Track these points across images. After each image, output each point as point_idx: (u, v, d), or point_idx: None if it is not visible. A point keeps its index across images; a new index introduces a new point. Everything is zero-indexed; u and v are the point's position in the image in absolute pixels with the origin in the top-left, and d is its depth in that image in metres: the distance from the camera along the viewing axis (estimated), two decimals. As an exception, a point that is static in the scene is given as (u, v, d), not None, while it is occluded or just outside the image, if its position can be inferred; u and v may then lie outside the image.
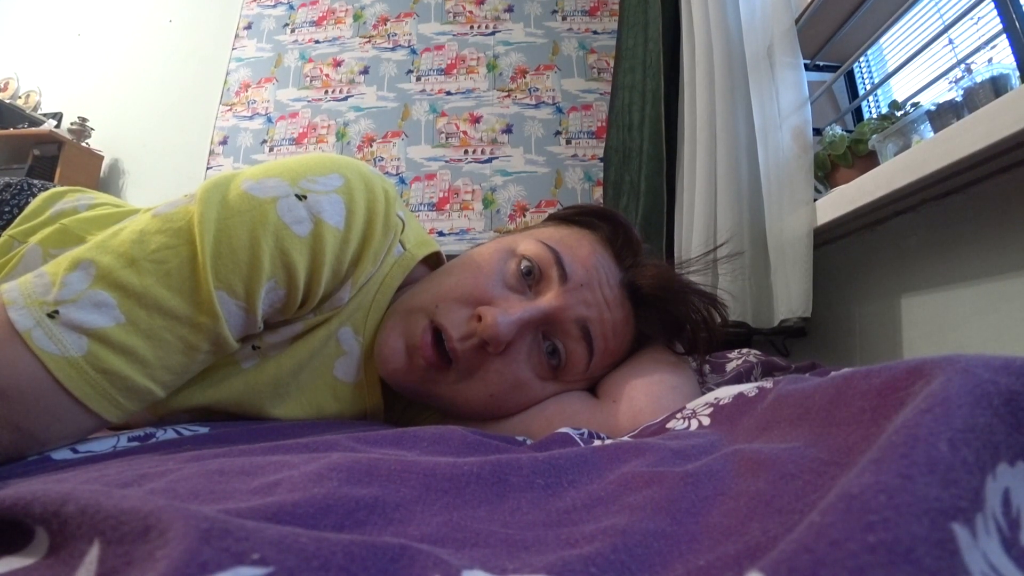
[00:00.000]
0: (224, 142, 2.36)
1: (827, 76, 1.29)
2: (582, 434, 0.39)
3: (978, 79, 0.76)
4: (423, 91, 2.33)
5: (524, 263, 0.48)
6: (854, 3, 1.20)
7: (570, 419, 0.48)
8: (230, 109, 2.40)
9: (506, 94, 2.30)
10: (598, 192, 2.13)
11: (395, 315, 0.49)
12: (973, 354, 0.21)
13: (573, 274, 0.48)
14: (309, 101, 2.36)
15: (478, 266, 0.49)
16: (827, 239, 1.01)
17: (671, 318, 0.51)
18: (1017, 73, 0.75)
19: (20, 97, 2.52)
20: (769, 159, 1.05)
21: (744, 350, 0.71)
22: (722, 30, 1.17)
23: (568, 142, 2.23)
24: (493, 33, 2.38)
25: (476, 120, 2.27)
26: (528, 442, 0.40)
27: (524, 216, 2.15)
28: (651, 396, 0.47)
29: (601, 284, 0.49)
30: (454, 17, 2.42)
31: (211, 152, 2.34)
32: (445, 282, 0.49)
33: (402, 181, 2.21)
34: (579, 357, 0.49)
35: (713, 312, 0.51)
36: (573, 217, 0.56)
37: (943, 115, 0.80)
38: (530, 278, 0.48)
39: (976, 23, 0.92)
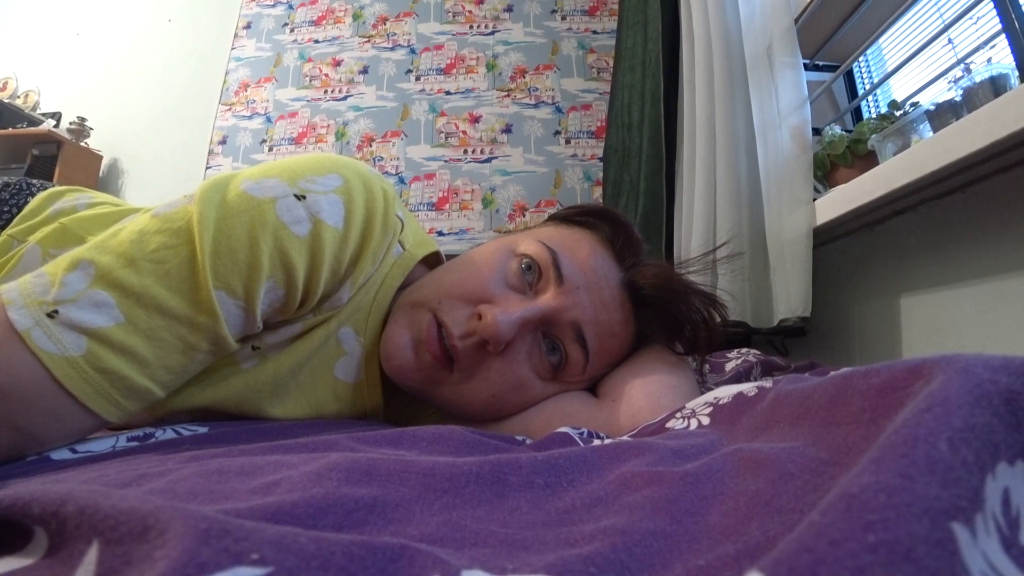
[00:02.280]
0: (223, 142, 2.35)
1: (826, 76, 1.29)
2: (581, 434, 0.39)
3: (977, 79, 0.76)
4: (422, 91, 2.32)
5: (524, 261, 0.49)
6: (853, 3, 1.20)
7: (569, 419, 0.48)
8: (229, 109, 2.39)
9: (505, 94, 2.29)
10: (597, 192, 2.13)
11: (400, 310, 0.49)
12: (972, 353, 0.21)
13: (570, 276, 0.48)
14: (308, 101, 2.36)
15: (479, 264, 0.49)
16: (826, 239, 1.01)
17: (671, 318, 0.52)
18: (1016, 73, 0.76)
19: (19, 97, 2.52)
20: (768, 159, 1.05)
21: (743, 350, 0.71)
22: (721, 30, 1.17)
23: (567, 142, 2.22)
24: (492, 33, 2.38)
25: (475, 120, 2.27)
26: (528, 442, 0.40)
27: (523, 216, 2.15)
28: (650, 395, 0.47)
29: (599, 286, 0.49)
30: (453, 17, 2.41)
31: (210, 152, 2.34)
32: (447, 279, 0.49)
33: (401, 181, 2.21)
34: (575, 358, 0.49)
35: (713, 312, 0.51)
36: (574, 217, 0.56)
37: (942, 115, 0.80)
38: (530, 274, 0.48)
39: (975, 23, 0.92)
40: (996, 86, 0.74)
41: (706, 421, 0.37)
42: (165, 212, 0.39)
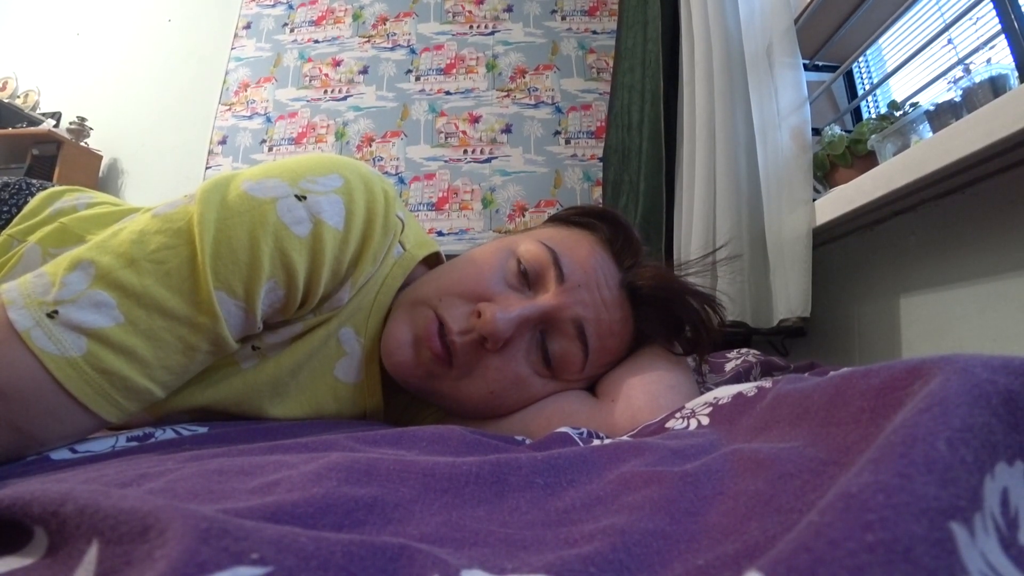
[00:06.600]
0: (223, 142, 2.35)
1: (826, 76, 1.29)
2: (581, 434, 0.39)
3: (977, 79, 0.76)
4: (422, 91, 2.32)
5: (523, 264, 0.49)
6: (853, 3, 1.20)
7: (569, 418, 0.48)
8: (229, 109, 2.39)
9: (505, 94, 2.29)
10: (597, 192, 2.13)
11: (400, 308, 0.49)
12: (971, 354, 0.21)
13: (571, 274, 0.48)
14: (308, 101, 2.36)
15: (480, 263, 0.50)
16: (826, 239, 1.01)
17: (669, 318, 0.52)
18: (1016, 73, 0.76)
19: (19, 96, 2.52)
20: (768, 159, 1.05)
21: (743, 350, 0.71)
22: (721, 30, 1.17)
23: (567, 142, 2.23)
24: (492, 33, 2.38)
25: (475, 120, 2.27)
26: (527, 442, 0.40)
27: (523, 216, 2.15)
28: (649, 395, 0.47)
29: (599, 285, 0.49)
30: (453, 17, 2.42)
31: (210, 152, 2.34)
32: (448, 277, 0.49)
33: (401, 181, 2.21)
34: (574, 356, 0.49)
35: (711, 312, 0.51)
36: (573, 218, 0.57)
37: (942, 115, 0.80)
38: (528, 278, 0.49)
39: (975, 23, 0.92)
40: (996, 86, 0.74)
41: (706, 421, 0.37)
42: (165, 212, 0.39)
